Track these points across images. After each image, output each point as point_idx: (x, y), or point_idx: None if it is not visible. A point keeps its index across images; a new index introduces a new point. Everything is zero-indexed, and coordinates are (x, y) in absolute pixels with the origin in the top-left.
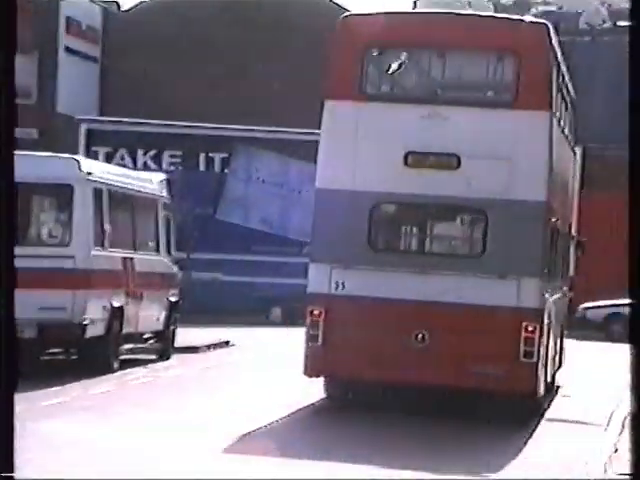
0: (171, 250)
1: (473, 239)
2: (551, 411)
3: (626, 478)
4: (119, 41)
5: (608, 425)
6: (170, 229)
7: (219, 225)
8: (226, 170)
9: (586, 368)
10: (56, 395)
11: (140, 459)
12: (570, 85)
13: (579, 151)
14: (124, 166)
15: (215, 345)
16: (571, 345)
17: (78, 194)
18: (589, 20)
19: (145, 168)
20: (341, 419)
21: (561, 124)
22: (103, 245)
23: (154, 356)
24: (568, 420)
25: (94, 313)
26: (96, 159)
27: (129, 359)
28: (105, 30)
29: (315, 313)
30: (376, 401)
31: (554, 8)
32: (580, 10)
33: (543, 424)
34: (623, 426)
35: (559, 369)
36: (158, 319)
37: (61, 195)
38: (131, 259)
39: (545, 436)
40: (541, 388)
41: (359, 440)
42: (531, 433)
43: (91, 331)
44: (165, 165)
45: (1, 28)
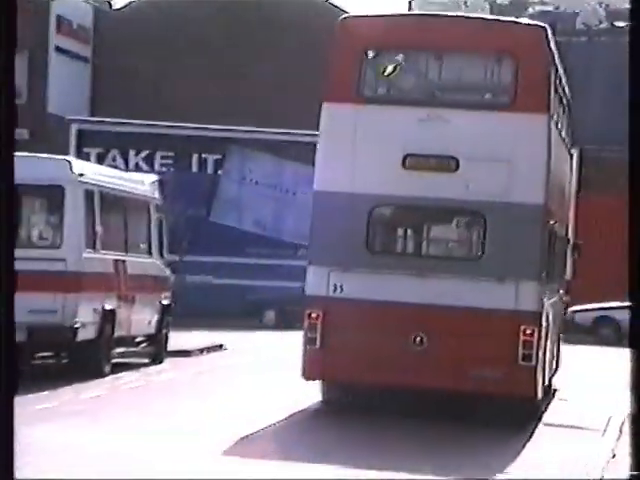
0: (163, 252)
1: (471, 242)
2: (549, 415)
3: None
4: (111, 40)
5: (606, 430)
6: (162, 231)
7: (212, 227)
8: (219, 171)
9: (581, 372)
10: (47, 399)
11: (132, 462)
12: (566, 87)
13: (576, 153)
14: (116, 167)
15: (208, 349)
16: (563, 349)
17: (69, 196)
18: (586, 20)
19: (137, 169)
20: (339, 422)
21: (558, 126)
22: (95, 247)
23: (146, 360)
24: (566, 425)
25: (85, 316)
26: (87, 160)
27: (121, 363)
28: (96, 29)
29: (313, 316)
30: (374, 404)
31: (551, 8)
32: (577, 10)
33: (541, 428)
34: (621, 431)
35: (556, 372)
36: (150, 322)
37: (52, 197)
38: (123, 262)
39: (544, 440)
40: (539, 391)
41: (357, 443)
42: (529, 436)
43: (82, 334)
44: (157, 166)
45: (1, 28)
